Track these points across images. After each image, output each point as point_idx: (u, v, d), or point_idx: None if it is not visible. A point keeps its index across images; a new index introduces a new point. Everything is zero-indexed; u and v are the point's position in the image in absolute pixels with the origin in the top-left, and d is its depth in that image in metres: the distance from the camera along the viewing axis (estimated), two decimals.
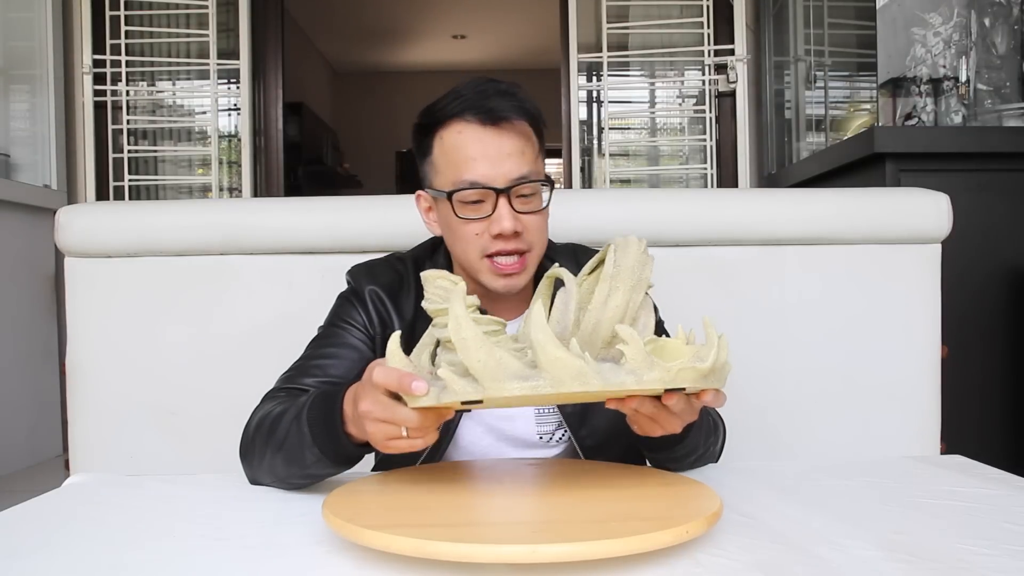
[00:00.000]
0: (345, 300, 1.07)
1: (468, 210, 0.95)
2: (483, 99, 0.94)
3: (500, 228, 0.93)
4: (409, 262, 1.09)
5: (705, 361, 0.68)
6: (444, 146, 0.96)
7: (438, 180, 0.98)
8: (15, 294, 2.86)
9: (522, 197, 0.95)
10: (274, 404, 0.94)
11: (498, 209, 0.93)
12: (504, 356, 0.66)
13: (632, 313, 0.76)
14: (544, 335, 0.65)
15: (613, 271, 0.76)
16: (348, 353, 1.02)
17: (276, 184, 3.43)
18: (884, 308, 1.41)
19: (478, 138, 0.94)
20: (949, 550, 0.69)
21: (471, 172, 0.93)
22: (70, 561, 0.69)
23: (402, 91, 7.18)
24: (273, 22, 3.45)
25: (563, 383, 0.65)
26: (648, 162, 3.58)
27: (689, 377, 0.68)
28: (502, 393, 0.65)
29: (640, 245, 0.79)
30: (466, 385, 0.67)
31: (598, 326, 0.75)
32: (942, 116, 2.37)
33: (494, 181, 0.93)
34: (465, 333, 0.66)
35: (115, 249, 1.36)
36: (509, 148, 0.94)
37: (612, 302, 0.75)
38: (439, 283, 0.81)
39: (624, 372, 0.66)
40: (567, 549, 0.60)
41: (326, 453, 0.84)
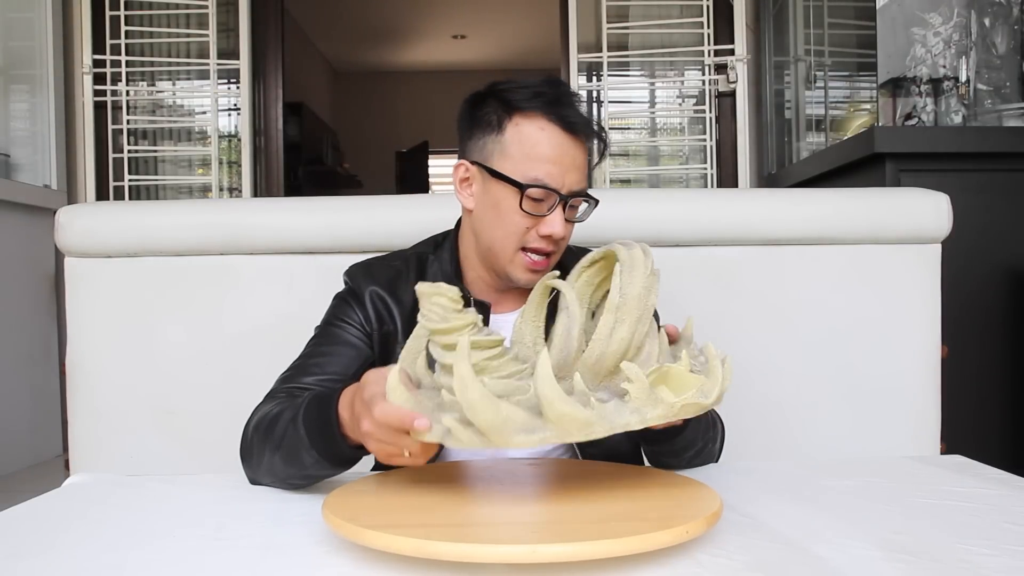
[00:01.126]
0: (342, 300, 1.08)
1: (532, 206, 0.98)
2: (567, 107, 0.97)
3: (551, 230, 0.98)
4: (411, 257, 1.10)
5: (709, 397, 0.70)
6: (522, 135, 0.97)
7: (505, 162, 0.98)
8: (15, 294, 2.86)
9: (572, 208, 1.01)
10: (272, 405, 0.94)
11: (555, 213, 0.98)
12: (511, 412, 0.67)
13: (637, 343, 0.77)
14: (552, 391, 0.66)
15: (619, 301, 0.76)
16: (346, 351, 1.03)
17: (276, 184, 3.43)
18: (884, 308, 1.41)
19: (559, 142, 0.97)
20: (949, 550, 0.69)
21: (543, 171, 0.96)
22: (70, 561, 0.69)
23: (402, 91, 7.19)
24: (273, 22, 3.45)
25: (569, 434, 0.67)
26: (648, 162, 3.58)
27: (690, 412, 0.70)
28: (507, 445, 0.67)
29: (646, 265, 0.78)
30: (472, 436, 0.67)
31: (602, 358, 0.76)
32: (942, 116, 2.37)
33: (561, 187, 0.97)
34: (471, 395, 0.66)
35: (115, 249, 1.36)
36: (579, 161, 0.99)
37: (617, 335, 0.75)
38: (436, 300, 0.80)
39: (628, 411, 0.68)
40: (567, 549, 0.60)
41: (324, 456, 0.84)
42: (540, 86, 0.98)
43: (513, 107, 0.98)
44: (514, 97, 0.98)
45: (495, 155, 0.99)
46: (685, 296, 1.15)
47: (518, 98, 0.98)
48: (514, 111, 0.98)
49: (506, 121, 0.98)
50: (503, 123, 0.98)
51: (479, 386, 0.67)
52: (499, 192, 0.99)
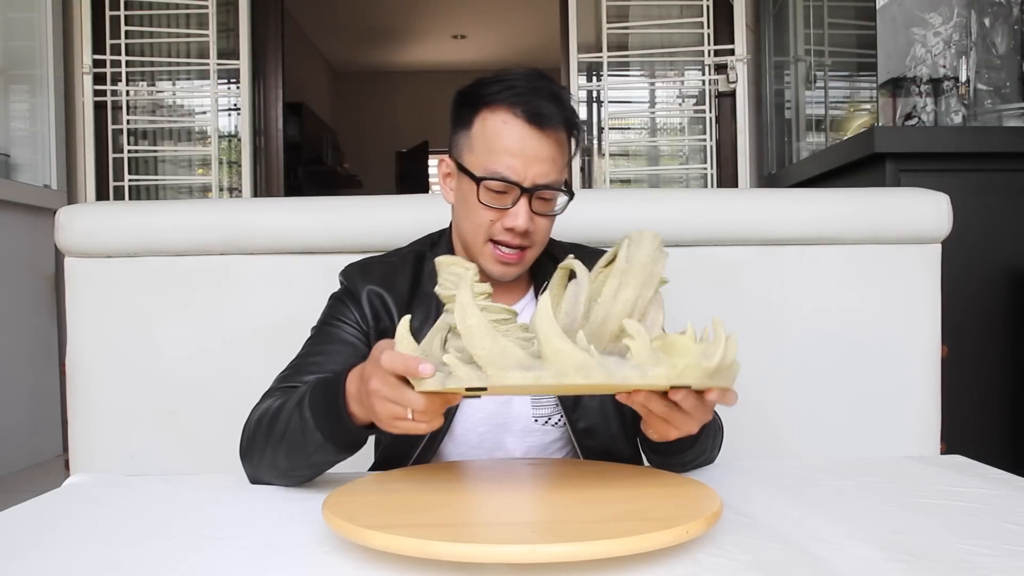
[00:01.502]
0: (337, 300, 1.08)
1: (491, 198, 0.98)
2: (535, 97, 0.96)
3: (514, 224, 0.97)
4: (408, 254, 1.11)
5: (712, 359, 0.68)
6: (486, 128, 0.98)
7: (469, 157, 1.00)
8: (15, 294, 2.86)
9: (541, 200, 0.99)
10: (273, 400, 0.94)
11: (518, 206, 0.97)
12: (508, 345, 0.67)
13: (641, 308, 0.76)
14: (549, 326, 0.66)
15: (625, 265, 0.76)
16: (343, 349, 1.03)
17: (276, 184, 3.43)
18: (884, 308, 1.41)
19: (520, 135, 0.96)
20: (949, 550, 0.69)
21: (503, 165, 0.96)
22: (70, 561, 0.69)
23: (402, 91, 7.19)
24: (273, 22, 3.45)
25: (566, 375, 0.65)
26: (648, 162, 3.58)
27: (695, 375, 0.67)
28: (504, 382, 0.66)
29: (654, 241, 0.78)
30: (470, 372, 0.67)
31: (607, 319, 0.75)
32: (942, 116, 2.37)
33: (522, 180, 0.96)
34: (471, 321, 0.67)
35: (115, 249, 1.36)
36: (544, 153, 0.97)
37: (622, 296, 0.75)
38: (453, 269, 0.81)
39: (629, 367, 0.66)
40: (567, 549, 0.60)
41: (329, 436, 0.84)
42: (515, 79, 0.98)
43: (482, 101, 0.98)
44: (485, 91, 0.98)
45: (465, 150, 1.01)
46: (685, 296, 1.15)
47: (488, 92, 0.98)
48: (482, 105, 0.98)
49: (475, 116, 0.99)
50: (472, 119, 0.99)
51: (479, 313, 0.67)
52: (466, 185, 1.00)
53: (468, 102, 1.01)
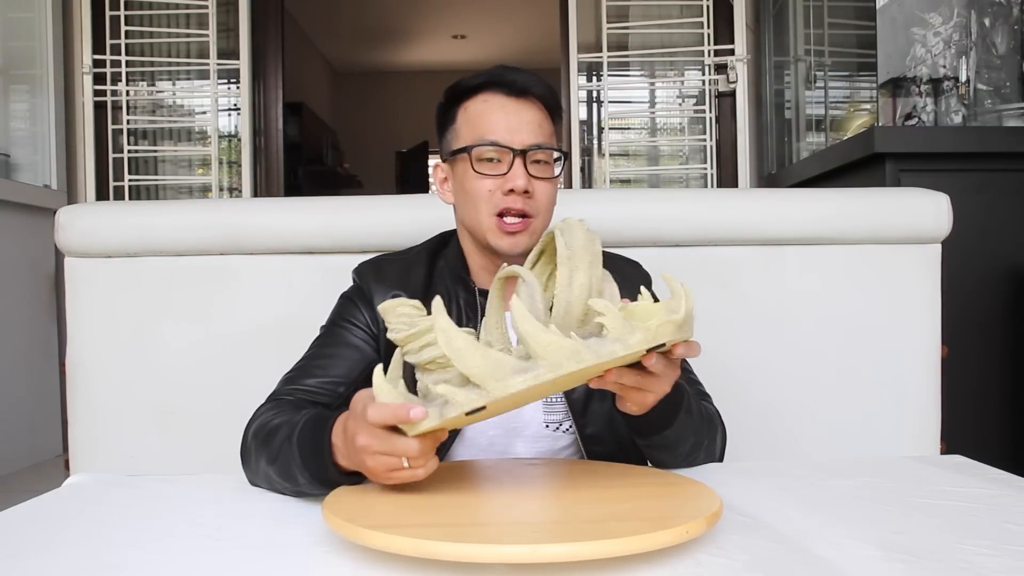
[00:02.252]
0: (348, 300, 1.08)
1: (485, 166, 1.01)
2: (509, 74, 1.02)
3: (513, 184, 0.99)
4: (422, 251, 1.13)
5: (678, 312, 0.71)
6: (468, 114, 1.03)
7: (459, 141, 1.03)
8: (15, 294, 2.86)
9: (536, 163, 1.01)
10: (273, 413, 0.93)
11: (513, 168, 1.00)
12: (499, 355, 0.67)
13: (597, 287, 0.78)
14: (531, 324, 0.67)
15: (567, 252, 0.77)
16: (350, 353, 1.03)
17: (276, 184, 3.43)
18: (884, 308, 1.41)
19: (501, 105, 1.01)
20: (949, 550, 0.69)
21: (492, 133, 1.00)
22: (70, 561, 0.69)
23: (402, 91, 7.19)
24: (273, 22, 3.45)
25: (561, 365, 0.66)
26: (648, 162, 3.58)
27: (668, 331, 0.71)
28: (507, 390, 0.66)
29: (583, 225, 0.80)
30: (468, 394, 0.67)
31: (569, 307, 0.76)
32: (942, 116, 2.37)
33: (512, 143, 1.00)
34: (457, 343, 0.67)
35: (115, 249, 1.36)
36: (529, 118, 1.01)
37: (576, 281, 0.76)
38: (400, 311, 0.81)
39: (610, 341, 0.69)
40: (567, 549, 0.60)
41: (316, 479, 0.83)
42: (484, 73, 1.03)
43: (460, 96, 1.04)
44: (461, 88, 1.04)
45: (452, 142, 1.05)
46: None
47: (464, 87, 1.03)
48: (462, 98, 1.04)
49: (458, 110, 1.04)
50: (456, 114, 1.04)
51: (463, 334, 0.68)
52: (461, 169, 1.03)
53: (448, 104, 1.06)
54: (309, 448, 0.82)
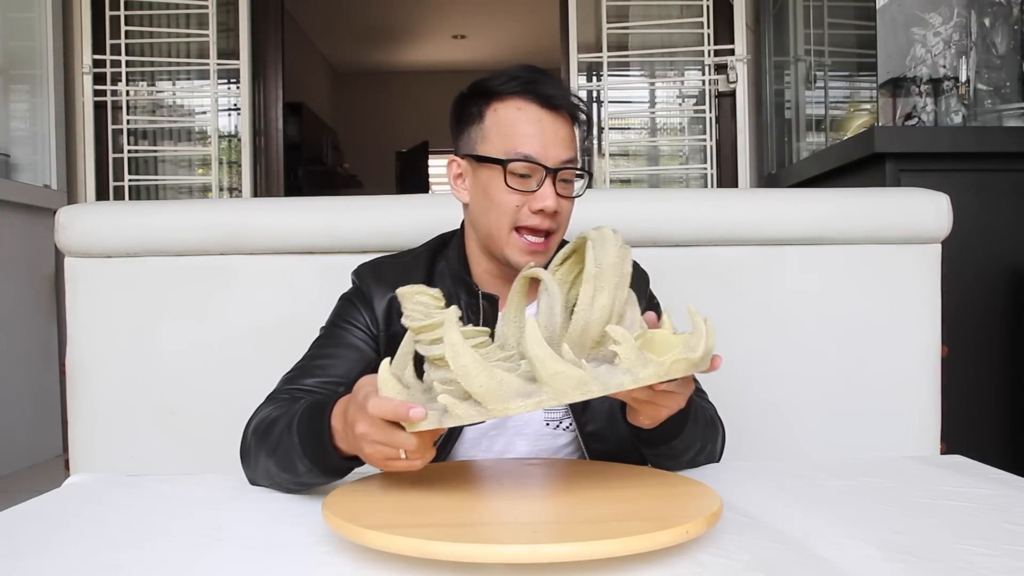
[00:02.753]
0: (347, 301, 1.08)
1: (517, 182, 0.98)
2: (543, 86, 0.99)
3: (543, 204, 0.97)
4: (421, 254, 1.11)
5: (696, 351, 0.70)
6: (499, 118, 0.99)
7: (487, 147, 1.00)
8: (15, 294, 2.86)
9: (563, 182, 1.00)
10: (272, 408, 0.94)
11: (544, 187, 0.97)
12: (505, 377, 0.67)
13: (619, 311, 0.77)
14: (542, 350, 0.67)
15: (596, 271, 0.76)
16: (350, 353, 1.03)
17: (276, 184, 3.43)
18: (884, 308, 1.41)
19: (537, 118, 0.98)
20: (949, 550, 0.69)
21: (526, 147, 0.97)
22: (70, 561, 0.69)
23: (402, 91, 7.19)
24: (273, 22, 3.45)
25: (565, 395, 0.67)
26: (648, 162, 3.58)
27: (682, 368, 0.70)
28: (507, 412, 0.67)
29: (617, 239, 0.79)
30: (468, 408, 0.68)
31: (587, 327, 0.76)
32: (942, 116, 2.37)
33: (546, 160, 0.97)
34: (464, 360, 0.67)
35: (115, 249, 1.36)
36: (563, 134, 0.99)
37: (599, 302, 0.76)
38: (419, 299, 0.80)
39: (620, 372, 0.68)
40: (567, 549, 0.60)
41: (316, 464, 0.83)
42: (516, 71, 1.00)
43: (490, 94, 1.00)
44: (491, 85, 1.00)
45: (479, 142, 1.01)
46: (685, 296, 1.14)
47: (494, 84, 1.00)
48: (492, 98, 1.00)
49: (486, 109, 1.00)
50: (483, 112, 1.01)
51: (471, 351, 0.68)
52: (486, 175, 1.00)
53: (474, 99, 1.02)
54: (308, 433, 0.83)
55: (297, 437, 0.84)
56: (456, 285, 1.06)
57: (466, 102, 1.03)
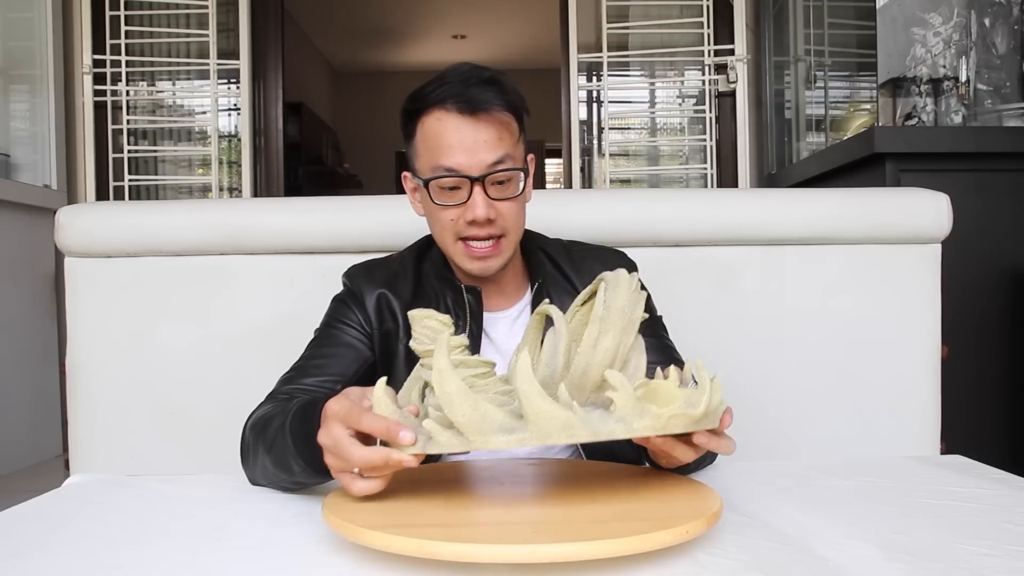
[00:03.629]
0: (340, 302, 1.09)
1: (444, 196, 0.98)
2: (465, 88, 0.95)
3: (474, 215, 0.97)
4: (406, 256, 1.12)
5: (697, 407, 0.68)
6: (424, 132, 0.98)
7: (418, 164, 1.01)
8: (15, 294, 2.86)
9: (498, 184, 0.98)
10: (270, 407, 0.94)
11: (472, 196, 0.97)
12: (489, 409, 0.65)
13: (623, 356, 0.75)
14: (530, 386, 0.64)
15: (603, 313, 0.75)
16: (346, 352, 1.04)
17: (276, 184, 3.43)
18: (884, 308, 1.41)
19: (456, 127, 0.96)
20: (949, 550, 0.69)
21: (448, 159, 0.96)
22: (70, 561, 0.69)
23: (402, 91, 6.99)
24: (273, 22, 3.45)
25: (549, 435, 0.64)
26: (648, 162, 3.58)
27: (681, 423, 0.67)
28: (487, 445, 0.65)
29: (631, 283, 0.77)
30: (451, 437, 0.66)
31: (588, 369, 0.74)
32: (942, 116, 2.37)
33: (469, 169, 0.96)
34: (449, 387, 0.66)
35: (115, 249, 1.36)
36: (485, 136, 0.96)
37: (602, 345, 0.74)
38: (427, 323, 0.80)
39: (613, 420, 0.66)
40: (567, 549, 0.60)
41: (310, 465, 0.83)
42: (447, 78, 0.97)
43: (418, 110, 0.99)
44: (419, 97, 0.99)
45: (414, 159, 1.02)
46: (685, 296, 1.15)
47: (421, 96, 0.98)
48: (419, 113, 0.99)
49: (416, 125, 1.00)
50: (414, 128, 1.00)
51: (457, 379, 0.66)
52: (421, 193, 1.01)
53: (408, 114, 1.01)
54: (301, 432, 0.82)
55: (290, 436, 0.84)
56: (441, 283, 1.08)
57: (404, 118, 1.03)
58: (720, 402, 0.71)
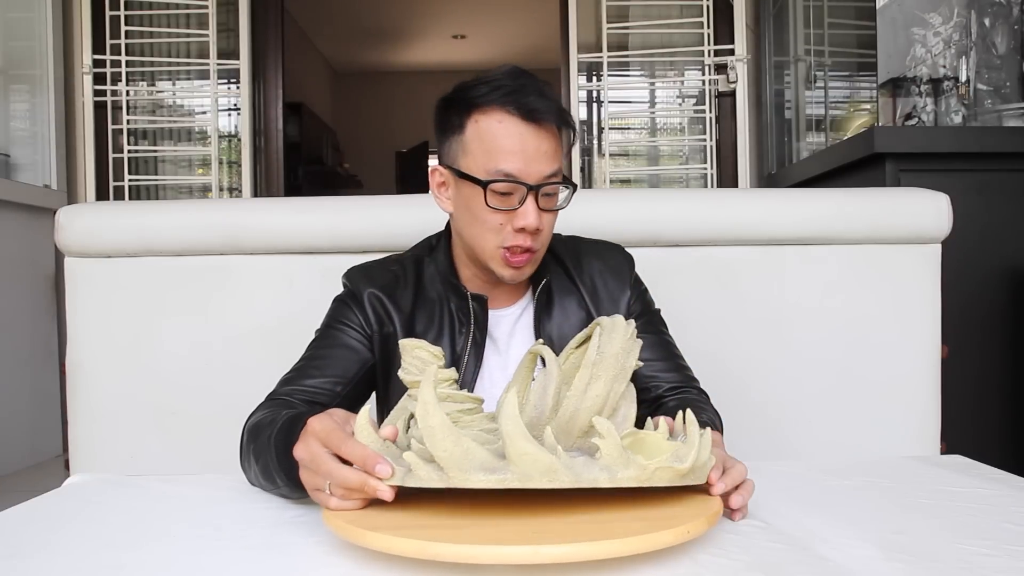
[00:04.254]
0: (341, 302, 1.08)
1: (498, 200, 0.96)
2: (524, 95, 0.95)
3: (525, 223, 0.96)
4: (408, 261, 1.11)
5: (684, 462, 0.68)
6: (480, 130, 0.96)
7: (467, 162, 0.98)
8: (15, 294, 2.86)
9: (546, 196, 0.98)
10: (266, 412, 0.93)
11: (526, 204, 0.96)
12: (472, 447, 0.65)
13: (612, 403, 0.75)
14: (514, 427, 0.64)
15: (596, 358, 0.74)
16: (346, 353, 1.04)
17: (276, 184, 3.43)
18: (884, 308, 1.41)
19: (518, 132, 0.95)
20: (949, 550, 0.69)
21: (507, 164, 0.95)
22: (70, 561, 0.69)
23: (402, 91, 7.19)
24: (273, 22, 3.45)
25: (531, 478, 0.64)
26: (648, 162, 3.58)
27: (666, 476, 0.68)
28: (467, 484, 0.64)
29: (627, 330, 0.76)
30: (431, 472, 0.65)
31: (576, 415, 0.74)
32: (942, 116, 2.37)
33: (527, 177, 0.95)
34: (432, 421, 0.65)
35: (115, 249, 1.36)
36: (546, 147, 0.96)
37: (592, 391, 0.73)
38: (417, 353, 0.80)
39: (598, 468, 0.66)
40: (568, 550, 0.60)
41: (291, 480, 0.82)
42: (500, 79, 0.96)
43: (471, 104, 0.97)
44: (472, 94, 0.97)
45: (460, 156, 0.99)
46: (684, 296, 1.15)
47: (475, 95, 0.96)
48: (473, 108, 0.97)
49: (466, 120, 0.97)
50: (464, 123, 0.98)
51: (441, 413, 0.65)
52: (468, 191, 0.98)
53: (455, 107, 0.99)
54: (283, 448, 0.81)
55: (274, 450, 0.83)
56: (446, 288, 1.07)
57: (448, 110, 1.00)
58: (709, 457, 0.71)
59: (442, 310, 1.06)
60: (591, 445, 0.69)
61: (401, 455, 0.70)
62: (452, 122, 0.99)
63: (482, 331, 1.05)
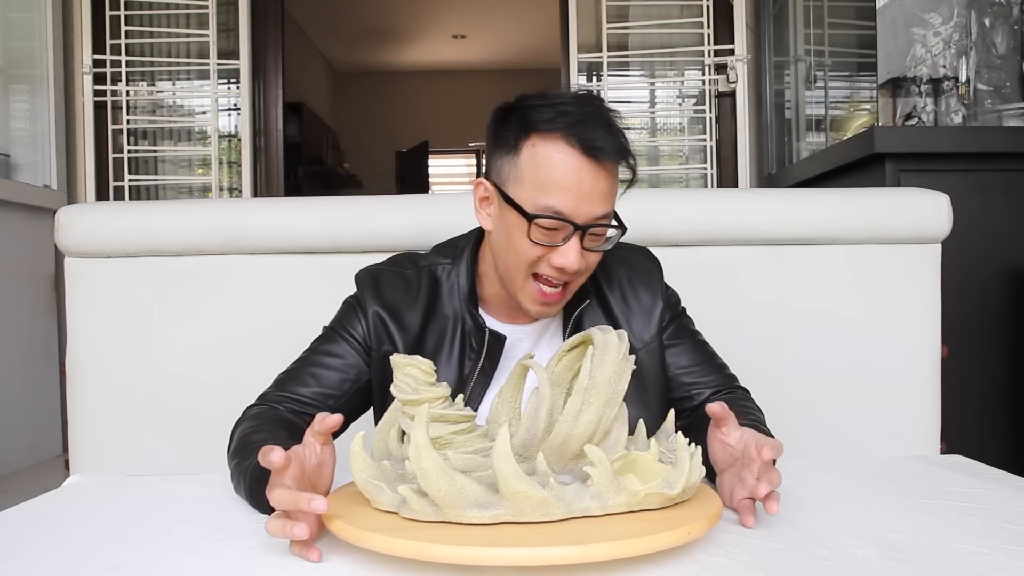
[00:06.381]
0: (349, 307, 1.06)
1: (542, 235, 0.91)
2: (590, 128, 0.89)
3: (563, 262, 0.91)
4: (424, 270, 1.05)
5: (674, 487, 0.70)
6: (536, 157, 0.90)
7: (517, 187, 0.92)
8: (15, 294, 2.86)
9: (592, 236, 0.93)
10: (252, 423, 0.93)
11: (569, 244, 0.90)
12: (465, 484, 0.66)
13: (604, 428, 0.75)
14: (507, 466, 0.65)
15: (588, 383, 0.74)
16: (343, 366, 1.02)
17: (276, 184, 3.43)
18: (884, 308, 1.41)
19: (576, 168, 0.89)
20: (948, 550, 0.69)
21: (558, 200, 0.89)
22: (70, 561, 0.69)
23: (402, 91, 7.19)
24: (273, 22, 3.45)
25: (524, 513, 0.66)
26: (648, 162, 3.57)
27: (656, 501, 0.69)
28: (461, 519, 0.66)
29: (620, 351, 0.76)
30: (425, 507, 0.67)
31: (568, 440, 0.74)
32: (942, 116, 2.37)
33: (576, 216, 0.89)
34: (425, 464, 0.65)
35: (115, 249, 1.36)
36: (602, 188, 0.90)
37: (584, 417, 0.74)
38: (409, 371, 0.80)
39: (589, 496, 0.67)
40: (569, 552, 0.60)
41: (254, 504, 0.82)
42: (567, 103, 0.90)
43: (531, 127, 0.90)
44: (534, 116, 0.90)
45: (511, 180, 0.92)
46: (684, 296, 1.15)
47: (538, 117, 0.90)
48: (531, 131, 0.90)
49: (523, 142, 0.91)
50: (520, 144, 0.91)
51: (434, 455, 0.65)
52: (511, 218, 0.92)
53: (514, 124, 0.92)
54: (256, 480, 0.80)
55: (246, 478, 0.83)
56: (463, 308, 1.02)
57: (505, 124, 0.94)
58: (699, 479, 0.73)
59: (455, 330, 1.01)
60: (582, 471, 0.71)
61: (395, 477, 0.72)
62: (507, 139, 0.93)
63: (493, 363, 1.00)
